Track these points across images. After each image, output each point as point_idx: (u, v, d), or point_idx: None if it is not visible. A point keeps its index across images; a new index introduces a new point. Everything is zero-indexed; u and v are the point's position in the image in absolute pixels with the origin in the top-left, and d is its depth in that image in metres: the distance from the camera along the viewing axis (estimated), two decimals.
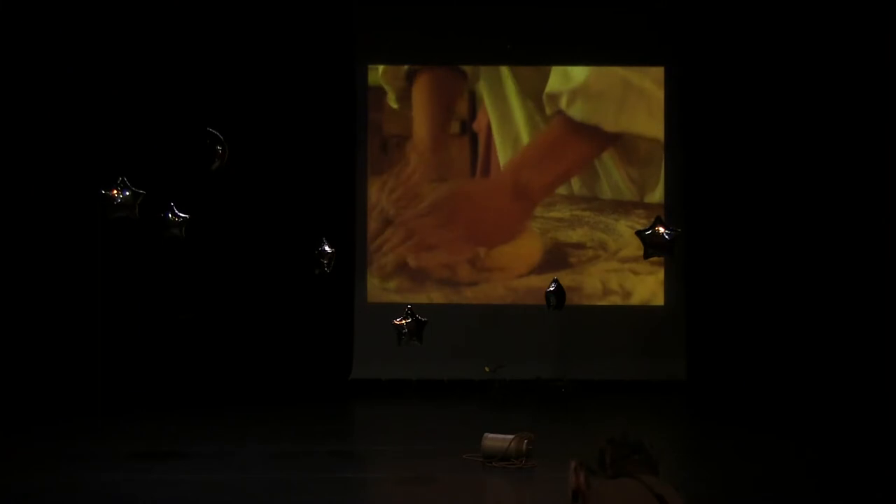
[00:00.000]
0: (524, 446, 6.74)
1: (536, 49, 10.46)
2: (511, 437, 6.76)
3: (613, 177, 10.50)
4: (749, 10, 9.87)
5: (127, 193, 6.46)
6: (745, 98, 9.94)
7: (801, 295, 9.55)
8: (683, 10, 10.31)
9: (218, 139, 6.33)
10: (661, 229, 6.31)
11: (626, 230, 10.37)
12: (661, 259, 9.51)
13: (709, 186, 10.19)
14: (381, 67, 10.74)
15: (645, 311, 10.50)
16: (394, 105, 10.74)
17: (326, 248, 7.19)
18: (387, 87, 10.74)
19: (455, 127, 10.76)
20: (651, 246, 6.35)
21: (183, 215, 6.82)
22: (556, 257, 10.49)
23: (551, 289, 7.42)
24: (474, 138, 10.69)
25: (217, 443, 7.49)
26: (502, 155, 10.64)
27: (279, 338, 10.21)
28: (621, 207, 10.47)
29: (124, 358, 9.83)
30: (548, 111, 10.61)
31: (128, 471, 6.63)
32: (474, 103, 10.71)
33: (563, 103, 10.58)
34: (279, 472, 6.68)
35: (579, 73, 10.64)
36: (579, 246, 10.53)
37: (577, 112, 10.59)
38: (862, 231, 9.07)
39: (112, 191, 6.47)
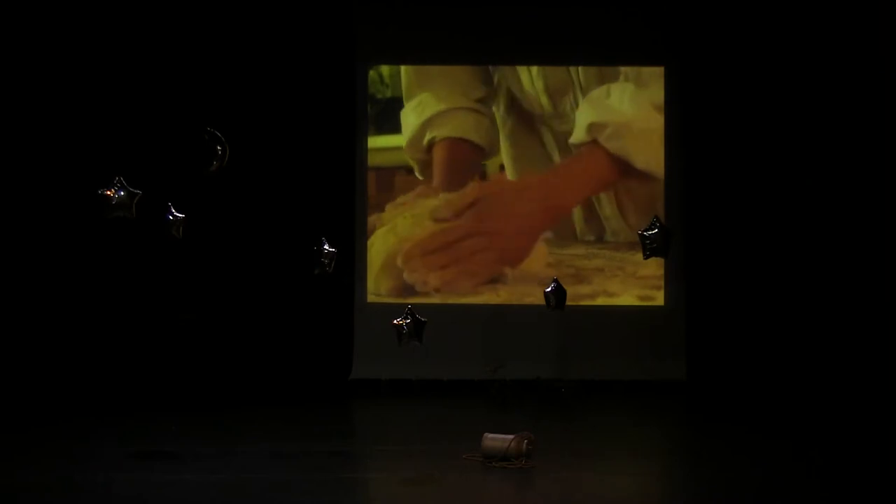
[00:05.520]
0: (524, 446, 6.74)
1: (536, 48, 10.46)
2: (511, 437, 6.76)
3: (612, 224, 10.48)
4: (749, 10, 9.87)
5: (122, 193, 6.45)
6: (745, 98, 9.95)
7: (801, 295, 9.56)
8: (683, 10, 10.31)
9: (218, 139, 6.32)
10: (658, 230, 6.31)
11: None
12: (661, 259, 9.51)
13: (709, 186, 10.19)
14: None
15: (645, 311, 10.49)
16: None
17: (327, 247, 7.18)
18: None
19: None
20: (651, 246, 6.34)
21: (180, 215, 6.81)
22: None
23: (551, 289, 7.41)
24: None
25: (217, 443, 7.49)
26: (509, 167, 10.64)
27: (279, 338, 10.22)
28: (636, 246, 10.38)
29: (124, 358, 9.85)
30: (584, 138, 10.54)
31: (128, 471, 6.63)
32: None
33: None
34: (279, 472, 6.68)
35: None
36: (599, 270, 10.50)
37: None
38: (863, 231, 9.06)
39: (108, 191, 6.46)
